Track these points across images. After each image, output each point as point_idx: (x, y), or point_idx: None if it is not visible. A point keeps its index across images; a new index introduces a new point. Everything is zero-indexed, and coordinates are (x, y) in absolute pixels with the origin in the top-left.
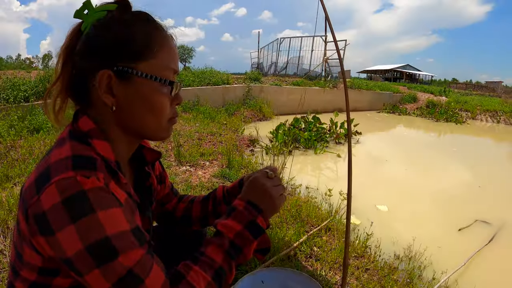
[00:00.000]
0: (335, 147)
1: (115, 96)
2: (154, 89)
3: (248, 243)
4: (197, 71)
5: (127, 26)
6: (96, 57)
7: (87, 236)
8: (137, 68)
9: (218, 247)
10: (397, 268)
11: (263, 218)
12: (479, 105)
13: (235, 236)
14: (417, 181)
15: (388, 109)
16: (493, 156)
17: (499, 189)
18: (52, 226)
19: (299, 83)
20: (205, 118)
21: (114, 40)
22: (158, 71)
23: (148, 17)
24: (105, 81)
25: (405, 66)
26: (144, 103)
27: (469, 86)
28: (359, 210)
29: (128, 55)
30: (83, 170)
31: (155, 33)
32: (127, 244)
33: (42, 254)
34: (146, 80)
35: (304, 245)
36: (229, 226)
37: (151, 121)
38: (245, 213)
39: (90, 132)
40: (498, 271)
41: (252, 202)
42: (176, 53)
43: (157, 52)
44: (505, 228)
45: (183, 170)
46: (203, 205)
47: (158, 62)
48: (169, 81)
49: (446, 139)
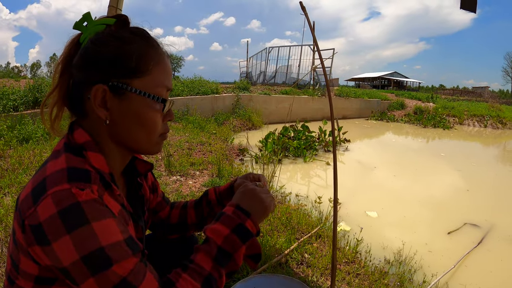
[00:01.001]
0: (324, 155)
1: (109, 110)
2: (147, 105)
3: (237, 248)
4: (186, 81)
5: (124, 42)
6: (92, 71)
7: (82, 246)
8: (132, 84)
9: (206, 254)
10: (387, 272)
11: (253, 223)
12: (466, 110)
13: (223, 241)
14: (406, 186)
15: (377, 116)
16: (481, 160)
17: (487, 192)
18: (48, 237)
19: (288, 92)
20: (194, 127)
21: (110, 56)
22: (152, 88)
23: (146, 34)
24: (99, 95)
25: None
26: (136, 119)
27: (456, 91)
28: (349, 217)
29: (123, 71)
30: (77, 182)
31: (151, 51)
32: (121, 253)
33: (38, 263)
34: (139, 96)
35: (295, 252)
36: (217, 231)
37: (142, 136)
38: (234, 217)
39: (84, 144)
40: (487, 272)
41: (241, 207)
42: (170, 71)
43: (151, 69)
44: (494, 231)
45: (173, 180)
46: (197, 211)
47: (152, 79)
48: (162, 98)
49: (434, 144)
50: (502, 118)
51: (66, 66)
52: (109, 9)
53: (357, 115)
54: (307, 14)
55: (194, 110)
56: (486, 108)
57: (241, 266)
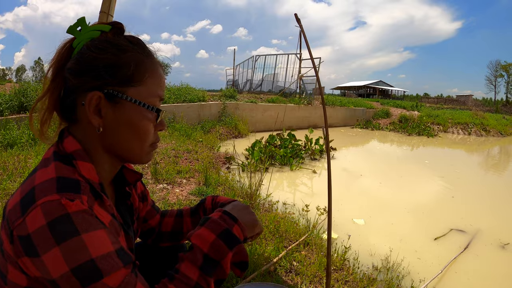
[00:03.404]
0: (311, 163)
1: (103, 117)
2: (141, 114)
3: (224, 254)
4: (173, 88)
5: (121, 50)
6: (88, 77)
7: (72, 258)
8: (127, 93)
9: (191, 263)
10: (376, 279)
11: (240, 229)
12: (450, 118)
13: (209, 248)
14: (392, 194)
15: (362, 125)
16: (465, 167)
17: (472, 198)
18: (37, 248)
19: (274, 100)
20: (181, 135)
21: (107, 63)
22: (146, 97)
23: (142, 43)
24: (94, 102)
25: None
26: (129, 127)
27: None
28: (336, 225)
29: (119, 80)
30: (67, 193)
31: (146, 61)
32: (111, 265)
33: (27, 274)
34: (134, 105)
35: (283, 260)
36: (202, 237)
37: (134, 145)
38: (220, 222)
39: (74, 153)
40: (474, 276)
41: (229, 213)
42: (163, 80)
43: (147, 79)
44: (480, 236)
45: (160, 188)
46: (194, 219)
47: (147, 89)
48: (156, 108)
49: (419, 152)
50: (486, 125)
51: (58, 71)
52: (100, 14)
53: (342, 124)
54: (301, 26)
55: (181, 117)
56: (470, 116)
57: (230, 274)
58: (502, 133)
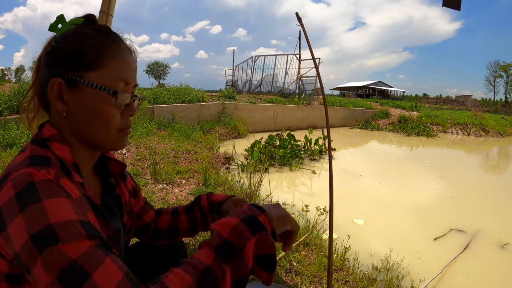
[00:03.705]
0: (310, 164)
1: (66, 103)
2: (100, 98)
3: (245, 239)
4: (172, 88)
5: (82, 38)
6: (53, 66)
7: (32, 224)
8: (86, 77)
9: (207, 246)
10: (375, 279)
11: (267, 219)
12: (449, 119)
13: (230, 232)
14: (391, 194)
15: (361, 125)
16: (464, 167)
17: (471, 198)
18: (5, 221)
19: (274, 100)
20: (180, 135)
21: (68, 51)
22: (107, 81)
23: (106, 29)
24: (56, 88)
25: (377, 83)
26: (90, 112)
27: (440, 100)
28: (336, 225)
29: (79, 65)
30: (36, 166)
31: (108, 45)
32: (72, 233)
33: (6, 258)
34: (93, 89)
35: (283, 260)
36: (224, 223)
37: (98, 130)
38: (246, 211)
39: (50, 137)
40: (474, 276)
41: (256, 205)
42: (131, 65)
43: (107, 63)
44: (479, 236)
45: (159, 188)
46: (190, 216)
47: (107, 72)
48: (112, 90)
49: (418, 152)
50: (485, 126)
51: (38, 65)
52: (100, 14)
53: (342, 124)
54: (302, 25)
55: (180, 118)
56: (469, 117)
57: None
58: (501, 133)
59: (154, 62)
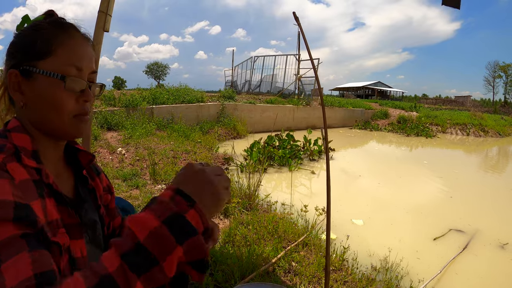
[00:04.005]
0: (309, 164)
1: (23, 94)
2: (50, 84)
3: (168, 249)
4: (171, 89)
5: (35, 30)
6: (10, 59)
7: None
8: (38, 66)
9: (114, 248)
10: (374, 279)
11: (198, 215)
12: (449, 119)
13: (146, 237)
14: (390, 194)
15: (360, 126)
16: (463, 167)
17: (470, 198)
18: None
19: (273, 101)
20: (179, 136)
21: (21, 43)
22: (57, 68)
23: (60, 21)
24: (13, 79)
25: (376, 83)
26: (44, 99)
27: (439, 101)
28: (335, 225)
29: (30, 55)
30: None
31: (58, 34)
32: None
33: None
34: (44, 77)
35: (282, 261)
36: (140, 222)
37: (52, 116)
38: (170, 205)
39: (12, 128)
40: (473, 276)
41: (183, 192)
42: (83, 52)
43: (56, 50)
44: (478, 236)
45: (158, 189)
46: None
47: (57, 60)
48: (60, 75)
49: (417, 152)
50: (484, 126)
51: None
52: (99, 14)
53: (341, 124)
54: (300, 24)
55: (179, 118)
56: (468, 117)
57: (228, 275)
58: (500, 133)
59: (154, 62)
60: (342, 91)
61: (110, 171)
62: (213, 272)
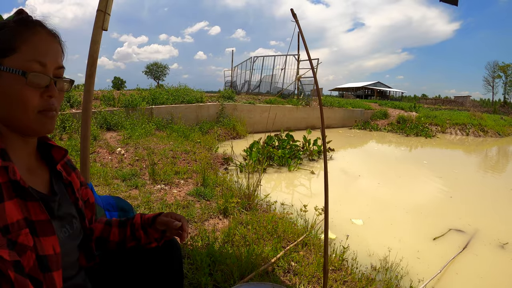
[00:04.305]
0: (309, 164)
1: None
2: (15, 81)
3: None
4: (171, 89)
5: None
6: None
7: None
8: (3, 64)
9: None
10: (374, 279)
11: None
12: (448, 119)
13: None
14: (390, 194)
15: (360, 126)
16: (463, 167)
17: (470, 198)
18: None
19: (272, 101)
20: (179, 136)
21: None
22: (20, 64)
23: (25, 19)
24: None
25: (376, 84)
26: (8, 96)
27: (439, 101)
28: (334, 225)
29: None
30: None
31: (22, 31)
32: None
33: None
34: (7, 74)
35: (281, 261)
36: None
37: (17, 113)
38: None
39: None
40: (473, 276)
41: None
42: (47, 47)
43: (19, 47)
44: (478, 235)
45: (157, 189)
46: (120, 230)
47: (20, 56)
48: (21, 71)
49: (417, 152)
50: (484, 126)
51: None
52: (97, 13)
53: (340, 125)
54: (298, 21)
55: (179, 118)
56: (468, 117)
57: (227, 275)
58: (500, 133)
59: (153, 63)
60: (341, 92)
61: (109, 171)
62: (212, 272)
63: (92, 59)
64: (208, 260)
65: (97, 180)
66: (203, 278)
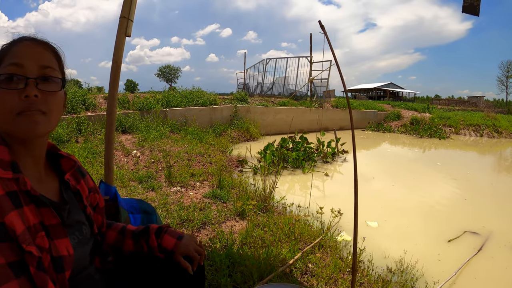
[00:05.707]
0: (323, 166)
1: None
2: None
3: None
4: (184, 92)
5: None
6: None
7: None
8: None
9: None
10: (390, 281)
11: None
12: (462, 120)
13: None
14: (404, 196)
15: (373, 127)
16: (477, 169)
17: (485, 200)
18: None
19: (285, 103)
20: (193, 138)
21: None
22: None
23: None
24: None
25: (388, 84)
26: None
27: (452, 102)
28: (350, 227)
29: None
30: None
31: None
32: None
33: None
34: None
35: (299, 262)
36: None
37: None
38: None
39: None
40: (487, 279)
41: None
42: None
43: (3, 59)
44: (493, 238)
45: (174, 191)
46: (136, 244)
47: (2, 65)
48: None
49: (431, 154)
50: (498, 127)
51: None
52: (120, 19)
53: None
54: (326, 32)
55: (193, 121)
56: (481, 118)
57: (246, 276)
58: None
59: (166, 65)
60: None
61: (126, 173)
62: (231, 273)
63: (116, 64)
64: (227, 261)
65: (114, 182)
66: (223, 279)
